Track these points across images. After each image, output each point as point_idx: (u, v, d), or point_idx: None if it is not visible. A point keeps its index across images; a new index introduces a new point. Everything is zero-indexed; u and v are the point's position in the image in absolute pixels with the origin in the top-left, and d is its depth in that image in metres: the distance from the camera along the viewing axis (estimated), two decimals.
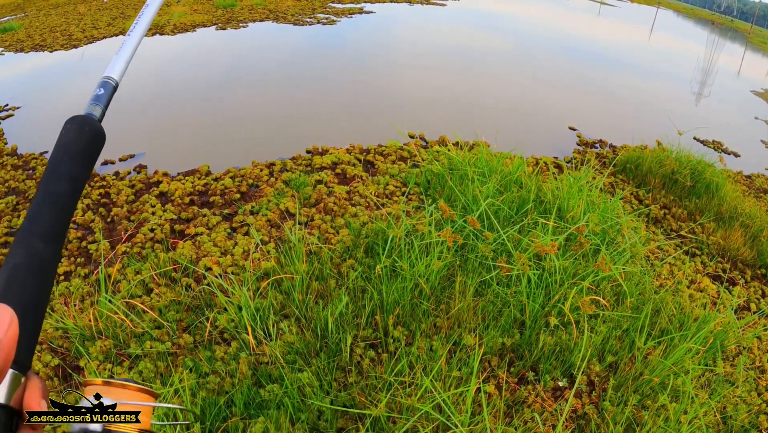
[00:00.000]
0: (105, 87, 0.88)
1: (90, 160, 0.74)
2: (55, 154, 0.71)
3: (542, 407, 2.61)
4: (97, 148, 0.77)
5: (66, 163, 0.71)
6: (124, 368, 2.77)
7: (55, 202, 0.67)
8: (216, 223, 4.22)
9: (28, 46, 10.59)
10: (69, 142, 0.73)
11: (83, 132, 0.75)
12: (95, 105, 0.83)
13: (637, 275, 3.60)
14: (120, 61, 0.95)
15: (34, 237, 0.63)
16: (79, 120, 0.77)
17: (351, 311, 3.06)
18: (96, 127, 0.78)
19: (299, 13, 13.68)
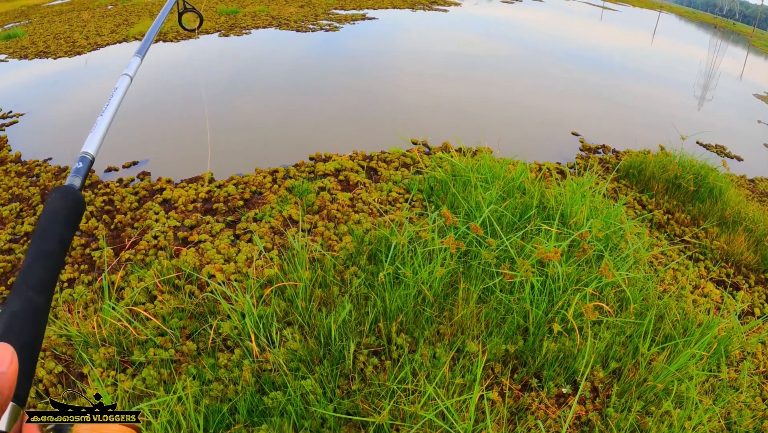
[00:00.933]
0: (83, 161, 1.01)
1: (74, 224, 0.85)
2: (44, 218, 0.82)
3: (546, 414, 2.61)
4: (80, 214, 0.88)
5: (54, 226, 0.81)
6: (128, 375, 2.78)
7: (46, 259, 0.76)
8: (219, 230, 4.23)
9: (32, 53, 10.64)
10: (56, 209, 0.83)
11: (67, 200, 0.86)
12: (75, 177, 0.95)
13: (641, 280, 3.59)
14: (95, 137, 1.10)
15: (28, 289, 0.71)
16: (63, 190, 0.87)
17: (354, 318, 3.06)
18: (77, 196, 0.89)
19: (302, 19, 13.72)
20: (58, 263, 0.77)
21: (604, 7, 28.89)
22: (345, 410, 2.53)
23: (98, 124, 1.14)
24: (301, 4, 16.33)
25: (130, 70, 1.38)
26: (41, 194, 4.84)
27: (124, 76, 1.35)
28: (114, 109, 1.21)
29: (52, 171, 5.28)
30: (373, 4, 17.05)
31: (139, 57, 1.48)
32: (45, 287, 0.72)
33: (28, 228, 4.32)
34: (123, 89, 1.28)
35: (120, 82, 1.30)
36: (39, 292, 0.71)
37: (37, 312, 0.69)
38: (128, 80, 1.34)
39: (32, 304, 0.69)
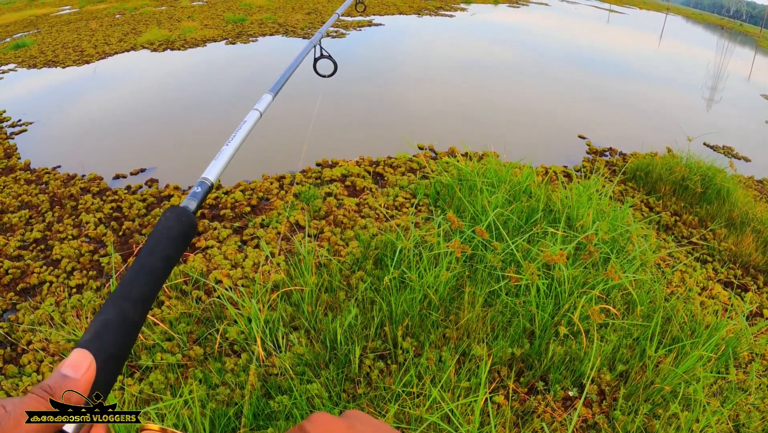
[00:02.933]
0: (201, 186, 1.03)
1: (183, 245, 0.85)
2: (155, 234, 0.82)
3: (552, 417, 2.61)
4: (191, 236, 0.88)
5: (163, 245, 0.81)
6: (135, 379, 2.80)
7: (149, 275, 0.76)
8: (226, 236, 4.25)
9: (40, 62, 10.72)
10: (168, 227, 0.84)
11: (181, 222, 0.86)
12: (192, 200, 0.96)
13: (648, 282, 3.58)
14: (217, 166, 1.13)
15: (125, 300, 0.71)
16: (178, 210, 0.88)
17: (360, 322, 3.07)
18: (191, 219, 0.89)
19: (309, 26, 13.78)
20: (159, 281, 0.77)
21: (611, 9, 28.84)
22: None
23: (222, 154, 1.17)
24: (308, 11, 16.40)
25: (260, 106, 1.46)
26: (50, 202, 4.88)
27: (254, 111, 1.41)
28: (240, 141, 1.24)
29: (61, 179, 5.32)
30: (380, 10, 17.10)
31: (271, 95, 1.56)
32: (142, 301, 0.73)
33: (37, 235, 4.35)
34: (251, 123, 1.33)
35: (249, 117, 1.35)
36: (135, 305, 0.71)
37: (129, 325, 0.70)
38: (258, 115, 1.40)
39: (126, 316, 0.70)
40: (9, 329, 3.32)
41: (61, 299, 3.56)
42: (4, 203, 4.85)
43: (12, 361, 3.13)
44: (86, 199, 4.86)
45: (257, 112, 1.40)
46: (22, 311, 3.48)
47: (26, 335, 3.26)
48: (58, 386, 0.60)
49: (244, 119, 1.31)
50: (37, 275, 3.87)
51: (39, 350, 3.10)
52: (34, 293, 3.74)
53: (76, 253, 4.09)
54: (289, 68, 1.69)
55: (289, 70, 1.68)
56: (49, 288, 3.74)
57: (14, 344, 3.23)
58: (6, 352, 3.16)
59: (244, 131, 1.27)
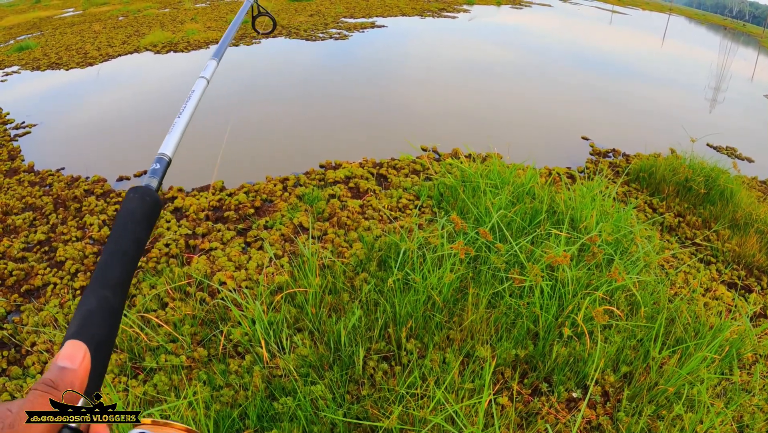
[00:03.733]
0: (160, 162, 1.02)
1: (150, 225, 0.86)
2: (121, 217, 0.83)
3: (556, 418, 2.60)
4: (156, 215, 0.89)
5: (131, 226, 0.82)
6: (139, 381, 2.80)
7: (122, 258, 0.77)
8: (230, 238, 4.25)
9: (44, 65, 10.75)
10: (133, 209, 0.84)
11: (145, 201, 0.87)
12: (152, 177, 0.95)
13: (652, 284, 3.57)
14: (172, 139, 1.11)
15: (104, 287, 0.72)
16: (140, 190, 0.88)
17: (364, 324, 3.07)
18: (155, 197, 0.90)
19: (312, 28, 13.79)
20: (132, 262, 0.78)
21: (614, 10, 28.83)
22: (354, 415, 2.54)
23: (175, 126, 1.15)
24: (311, 13, 16.41)
25: (206, 73, 1.39)
26: (54, 203, 4.89)
27: (200, 78, 1.35)
28: (191, 111, 1.22)
29: (65, 180, 5.33)
30: (382, 12, 17.11)
31: (215, 60, 1.48)
32: (120, 285, 0.74)
33: (41, 237, 4.36)
34: (200, 92, 1.29)
35: (197, 85, 1.31)
36: (114, 291, 0.72)
37: (112, 311, 0.71)
38: (204, 83, 1.35)
39: (107, 302, 0.71)
40: (13, 331, 3.33)
41: (65, 301, 3.57)
42: (8, 205, 4.87)
43: (16, 362, 3.13)
44: (90, 201, 4.87)
45: (204, 80, 1.35)
46: (26, 312, 3.49)
47: (30, 336, 3.26)
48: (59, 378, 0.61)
49: (192, 88, 1.28)
50: (41, 277, 3.88)
51: (43, 352, 3.11)
52: (38, 295, 3.74)
53: (80, 255, 4.10)
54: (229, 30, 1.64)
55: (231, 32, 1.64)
56: (53, 290, 3.74)
57: (18, 346, 3.24)
58: (10, 353, 3.17)
59: (194, 101, 1.25)
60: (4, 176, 5.57)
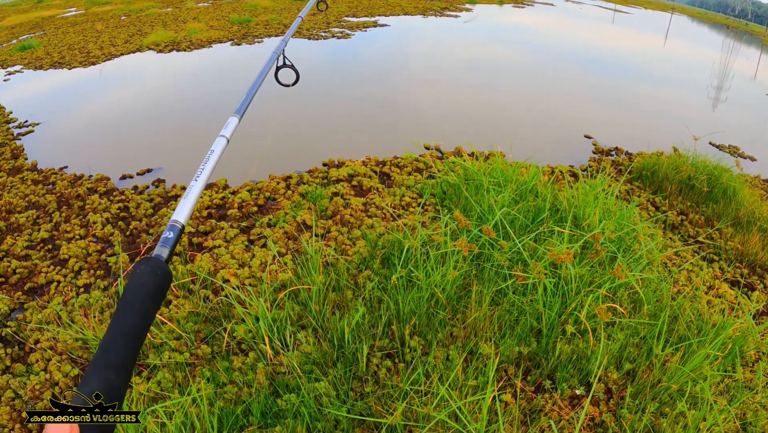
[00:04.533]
0: (173, 230, 0.96)
1: (160, 299, 0.83)
2: (129, 292, 0.79)
3: (559, 415, 2.61)
4: (166, 288, 0.85)
5: (139, 302, 0.79)
6: (143, 378, 2.81)
7: (128, 336, 0.75)
8: (233, 235, 4.26)
9: (47, 64, 10.77)
10: (143, 283, 0.81)
11: (155, 274, 0.83)
12: (163, 247, 0.91)
13: (654, 281, 3.57)
14: (186, 206, 1.04)
15: (108, 368, 0.70)
16: (151, 262, 0.84)
17: (367, 321, 3.07)
18: (165, 270, 0.86)
19: (314, 27, 13.80)
20: (139, 340, 0.76)
21: (616, 9, 28.80)
22: (358, 412, 2.54)
23: (191, 191, 1.10)
24: (313, 12, 16.40)
25: (226, 132, 1.33)
26: (57, 202, 4.90)
27: (220, 137, 1.29)
28: (209, 173, 1.16)
29: (68, 179, 5.34)
30: (385, 11, 17.11)
31: (236, 117, 1.41)
32: (124, 367, 0.72)
33: (44, 235, 4.37)
34: (219, 152, 1.23)
35: (216, 144, 1.25)
36: (118, 372, 0.71)
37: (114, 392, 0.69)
38: (225, 142, 1.29)
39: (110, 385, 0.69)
40: (17, 328, 3.34)
41: (69, 299, 3.58)
42: (12, 203, 4.88)
43: (20, 360, 3.14)
44: (93, 199, 4.88)
45: (224, 139, 1.29)
46: (30, 310, 3.50)
47: (34, 334, 3.27)
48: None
49: (211, 149, 1.23)
50: (45, 275, 3.89)
51: (47, 349, 3.12)
52: (42, 293, 3.75)
53: (83, 253, 4.11)
54: (252, 86, 1.54)
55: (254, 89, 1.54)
56: (57, 287, 3.75)
57: (22, 343, 3.25)
58: (14, 351, 3.18)
59: (212, 163, 1.19)
60: (7, 175, 5.58)
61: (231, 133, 1.32)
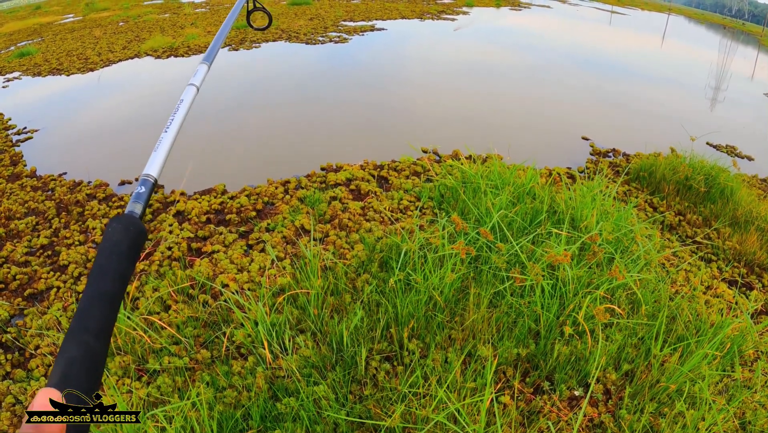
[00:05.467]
0: (145, 185, 0.93)
1: (135, 256, 0.80)
2: (103, 252, 0.77)
3: (558, 416, 2.61)
4: (141, 245, 0.82)
5: (114, 262, 0.76)
6: (143, 382, 2.82)
7: (105, 299, 0.72)
8: (232, 240, 4.27)
9: (45, 70, 10.79)
10: (116, 241, 0.78)
11: (128, 231, 0.80)
12: (136, 203, 0.88)
13: (653, 282, 3.58)
14: (158, 158, 1.00)
15: (86, 333, 0.68)
16: (123, 219, 0.82)
17: (366, 324, 3.08)
18: (139, 225, 0.83)
19: (311, 32, 13.82)
20: (116, 303, 0.74)
21: (613, 11, 28.84)
22: (357, 415, 2.55)
23: (162, 142, 1.05)
24: (311, 17, 16.44)
25: (196, 80, 1.27)
26: (56, 208, 4.91)
27: (190, 86, 1.23)
28: (179, 123, 1.12)
29: (67, 185, 5.35)
30: (382, 15, 17.13)
31: (206, 64, 1.36)
32: (103, 331, 0.70)
33: (44, 241, 4.38)
34: (189, 101, 1.18)
35: (186, 93, 1.20)
36: (97, 336, 0.68)
37: (94, 358, 0.67)
38: (194, 90, 1.23)
39: (90, 350, 0.67)
40: (17, 334, 3.35)
41: (69, 304, 3.58)
42: (11, 210, 4.89)
43: (20, 365, 3.15)
44: (92, 205, 4.89)
45: (194, 87, 1.23)
46: (30, 316, 3.51)
47: (34, 339, 3.28)
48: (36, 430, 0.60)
49: (181, 98, 1.17)
50: (45, 281, 3.90)
51: (47, 355, 3.13)
52: (42, 299, 3.76)
53: (83, 258, 4.12)
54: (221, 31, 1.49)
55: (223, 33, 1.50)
56: (57, 293, 3.76)
57: (22, 349, 3.26)
58: (14, 357, 3.18)
59: (183, 112, 1.14)
60: (6, 181, 5.59)
61: (201, 82, 1.27)
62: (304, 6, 19.16)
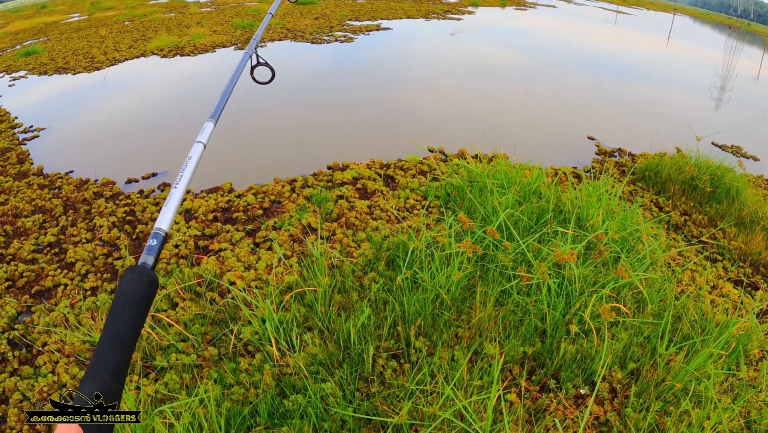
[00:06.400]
0: (156, 238, 0.98)
1: (147, 305, 0.86)
2: (119, 300, 0.83)
3: (564, 414, 2.62)
4: (153, 294, 0.88)
5: (128, 309, 0.82)
6: (150, 379, 2.83)
7: (120, 342, 0.78)
8: (239, 238, 4.28)
9: (51, 69, 10.82)
10: (131, 290, 0.84)
11: (142, 282, 0.86)
12: (148, 255, 0.93)
13: (658, 281, 3.58)
14: (168, 213, 1.05)
15: (104, 372, 0.74)
16: (137, 270, 0.88)
17: (373, 322, 3.09)
18: (151, 276, 0.89)
19: (317, 31, 13.83)
20: (130, 346, 0.79)
21: (618, 11, 28.79)
22: (364, 412, 2.56)
23: (172, 198, 1.10)
24: (316, 17, 16.46)
25: (203, 138, 1.32)
26: (64, 206, 4.93)
27: (197, 144, 1.28)
28: (188, 179, 1.16)
29: (74, 183, 5.38)
30: (387, 14, 17.14)
31: (212, 122, 1.41)
32: (119, 371, 0.75)
33: (51, 239, 4.40)
34: (196, 158, 1.23)
35: (193, 151, 1.25)
36: (113, 376, 0.74)
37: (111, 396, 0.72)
38: (201, 148, 1.28)
39: (107, 388, 0.72)
40: (24, 331, 3.37)
41: (76, 302, 3.60)
42: (18, 208, 4.91)
43: (28, 362, 3.17)
44: (99, 203, 4.91)
45: (201, 145, 1.28)
46: (37, 313, 3.53)
47: (41, 336, 3.30)
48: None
49: (189, 155, 1.22)
50: (52, 278, 3.92)
51: (54, 351, 3.14)
52: (49, 296, 3.78)
53: (90, 256, 4.14)
54: (226, 90, 1.53)
55: (227, 92, 1.54)
56: (64, 291, 3.78)
57: (30, 346, 3.28)
58: (21, 353, 3.20)
59: (191, 169, 1.19)
60: (13, 179, 5.62)
61: (208, 139, 1.33)
62: (310, 5, 19.18)
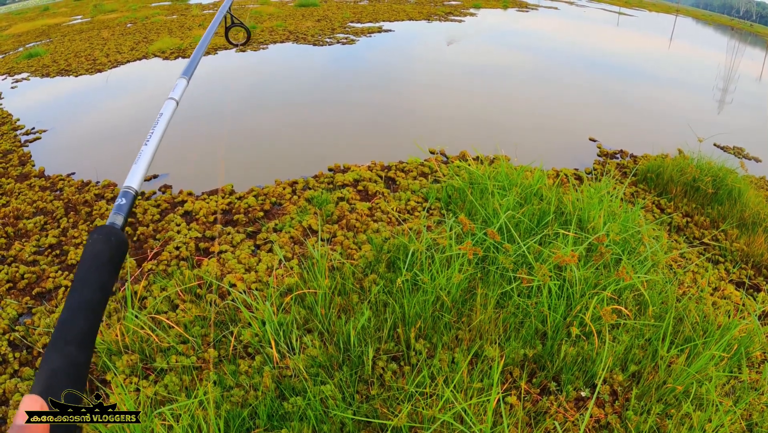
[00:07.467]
0: (126, 196, 0.93)
1: (117, 267, 0.80)
2: (84, 263, 0.77)
3: (564, 417, 2.61)
4: (122, 256, 0.83)
5: (95, 273, 0.76)
6: (150, 381, 2.83)
7: (87, 309, 0.72)
8: (240, 240, 4.28)
9: (53, 71, 10.84)
10: (97, 252, 0.79)
11: (110, 242, 0.81)
12: (117, 214, 0.89)
13: (660, 283, 3.58)
14: (138, 171, 1.03)
15: (68, 343, 0.68)
16: (105, 231, 0.82)
17: (373, 324, 3.09)
18: (120, 236, 0.84)
19: (319, 33, 13.84)
20: (99, 313, 0.74)
21: (620, 12, 28.78)
22: (364, 414, 2.56)
23: (142, 155, 1.08)
24: (318, 18, 16.47)
25: (175, 94, 1.30)
26: (65, 208, 4.94)
27: (169, 100, 1.26)
28: (159, 136, 1.15)
29: (76, 185, 5.38)
30: (389, 16, 17.16)
31: (185, 78, 1.38)
32: (85, 341, 0.70)
33: (52, 240, 4.40)
34: (168, 115, 1.21)
35: (165, 108, 1.22)
36: (79, 346, 0.69)
37: (78, 368, 0.68)
38: (174, 105, 1.26)
39: (72, 360, 0.67)
40: (25, 333, 3.37)
41: None
42: (20, 210, 4.92)
43: (28, 363, 3.17)
44: (101, 205, 4.91)
45: (173, 102, 1.26)
46: (38, 314, 3.53)
47: (42, 338, 3.30)
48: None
49: (160, 112, 1.20)
50: (53, 280, 3.92)
51: None
52: (50, 298, 3.78)
53: None
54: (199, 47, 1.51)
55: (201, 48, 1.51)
56: (65, 292, 3.78)
57: (30, 347, 3.28)
58: (22, 355, 3.20)
59: (162, 126, 1.17)
60: (15, 181, 5.62)
61: (180, 96, 1.30)
62: (312, 7, 19.21)
